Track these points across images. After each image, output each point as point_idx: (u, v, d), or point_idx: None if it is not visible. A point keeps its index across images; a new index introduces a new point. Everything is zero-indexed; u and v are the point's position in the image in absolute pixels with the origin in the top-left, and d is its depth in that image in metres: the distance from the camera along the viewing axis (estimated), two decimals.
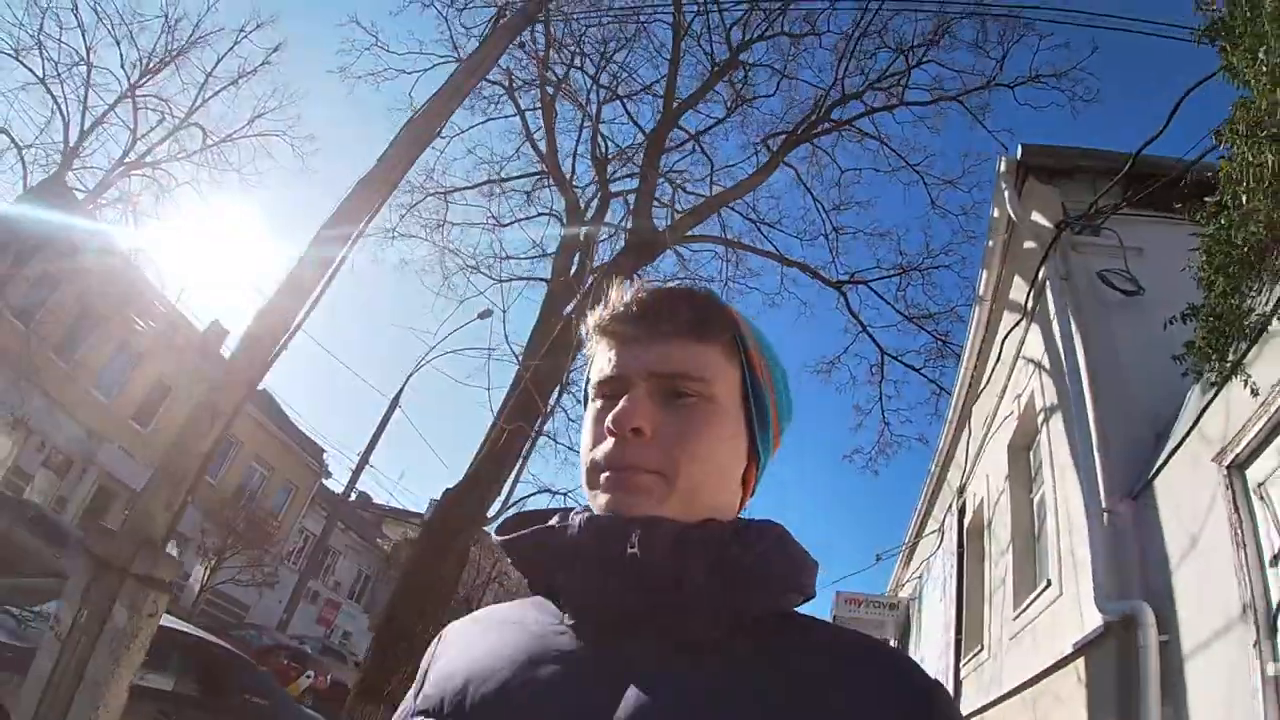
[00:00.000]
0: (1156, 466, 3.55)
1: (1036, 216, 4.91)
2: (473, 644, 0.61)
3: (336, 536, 23.38)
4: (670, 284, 0.70)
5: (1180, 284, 3.09)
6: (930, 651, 9.10)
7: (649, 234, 7.57)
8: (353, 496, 24.52)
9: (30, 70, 14.41)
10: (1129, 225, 4.60)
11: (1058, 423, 4.78)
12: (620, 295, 0.65)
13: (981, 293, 5.88)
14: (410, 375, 18.26)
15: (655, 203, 8.49)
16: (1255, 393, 2.71)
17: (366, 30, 11.20)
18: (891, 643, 11.22)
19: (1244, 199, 2.64)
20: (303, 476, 23.78)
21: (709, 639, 0.53)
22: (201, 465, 3.04)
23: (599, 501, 0.59)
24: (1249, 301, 2.76)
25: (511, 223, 10.20)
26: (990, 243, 5.44)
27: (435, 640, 0.67)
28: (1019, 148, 4.88)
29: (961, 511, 7.54)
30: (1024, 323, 5.34)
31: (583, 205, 8.99)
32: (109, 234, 15.52)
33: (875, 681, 0.52)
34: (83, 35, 14.86)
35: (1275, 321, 2.67)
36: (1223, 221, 2.76)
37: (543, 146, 9.07)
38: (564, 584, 0.58)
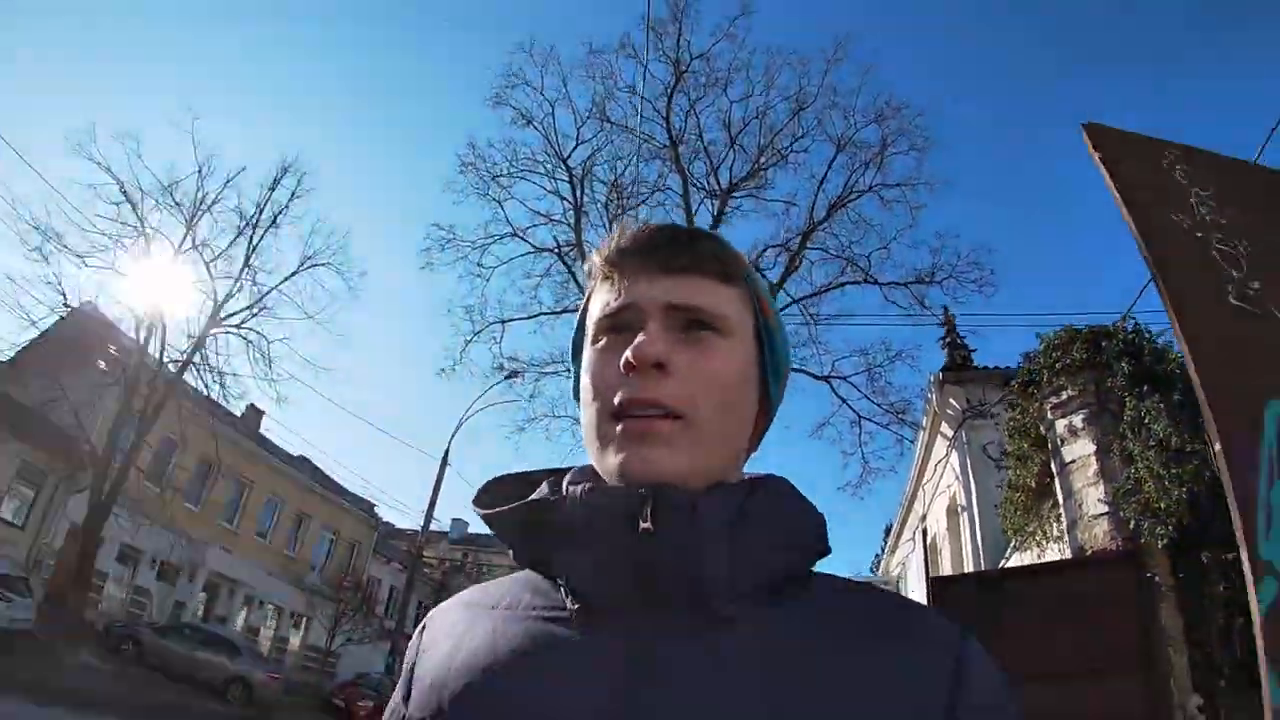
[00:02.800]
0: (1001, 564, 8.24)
1: (952, 402, 9.46)
2: (463, 635, 0.57)
3: (394, 575, 28.11)
4: (677, 223, 0.67)
5: None
6: None
7: None
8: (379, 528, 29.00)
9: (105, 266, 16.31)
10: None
11: (965, 515, 9.46)
12: (628, 230, 0.63)
13: (924, 425, 10.52)
14: (451, 437, 23.19)
15: None
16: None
17: (444, 229, 15.23)
18: None
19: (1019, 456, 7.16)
20: (363, 533, 28.49)
21: (727, 614, 0.51)
22: None
23: (609, 461, 0.55)
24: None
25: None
26: (926, 410, 10.03)
27: (420, 629, 0.64)
28: (940, 372, 9.39)
29: (925, 533, 12.32)
30: (949, 451, 9.96)
31: None
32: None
33: (905, 642, 0.51)
34: (134, 209, 16.66)
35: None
36: (1010, 474, 7.26)
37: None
38: (563, 564, 0.55)
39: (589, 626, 0.52)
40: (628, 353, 0.55)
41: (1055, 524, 5.14)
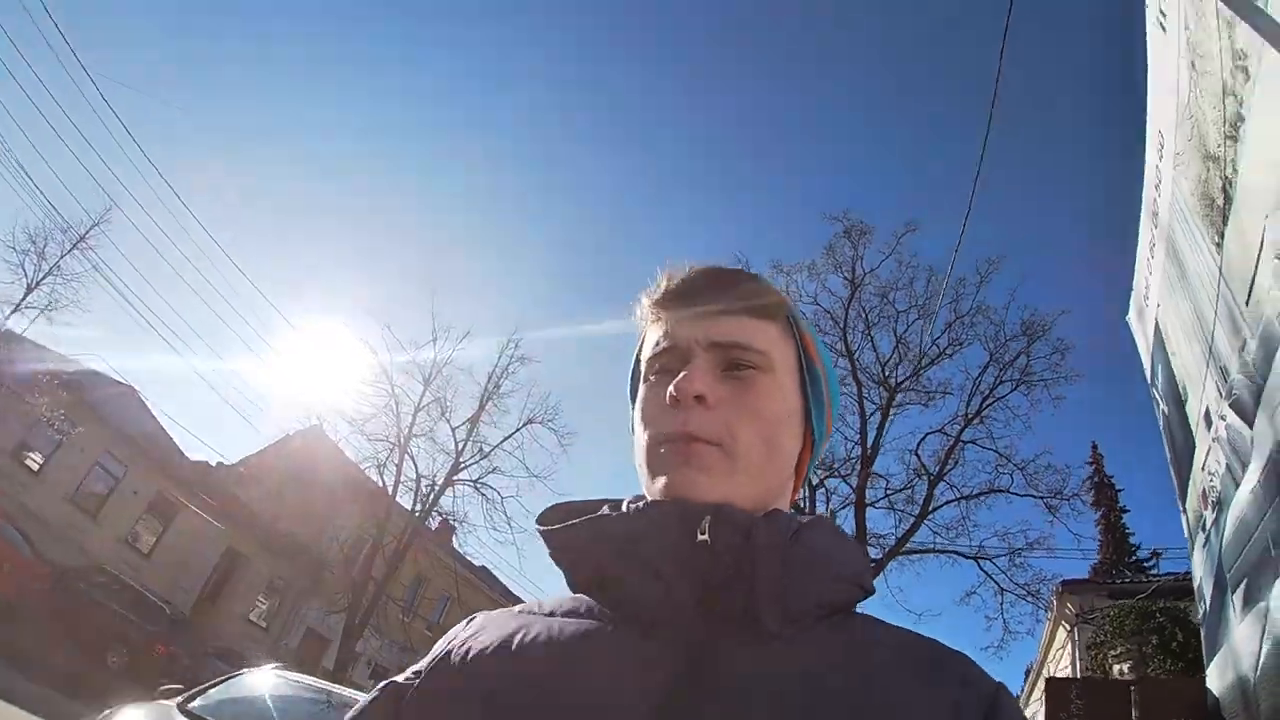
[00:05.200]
0: None
1: (1069, 607, 13.25)
2: (515, 632, 0.63)
3: None
4: (720, 264, 0.75)
5: None
6: None
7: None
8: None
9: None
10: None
11: None
12: (673, 275, 0.72)
13: (1049, 617, 14.28)
14: None
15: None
16: None
17: None
18: None
19: None
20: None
21: (775, 633, 0.57)
22: None
23: (658, 484, 0.64)
24: None
25: None
26: (1050, 605, 13.86)
27: (463, 623, 0.70)
28: (1060, 584, 13.27)
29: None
30: (1067, 641, 13.65)
31: None
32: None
33: (943, 682, 0.56)
34: (386, 375, 21.88)
35: None
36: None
37: None
38: (619, 575, 0.61)
39: (643, 635, 0.58)
40: (671, 387, 0.64)
41: None
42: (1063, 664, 14.24)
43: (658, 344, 0.69)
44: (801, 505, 17.59)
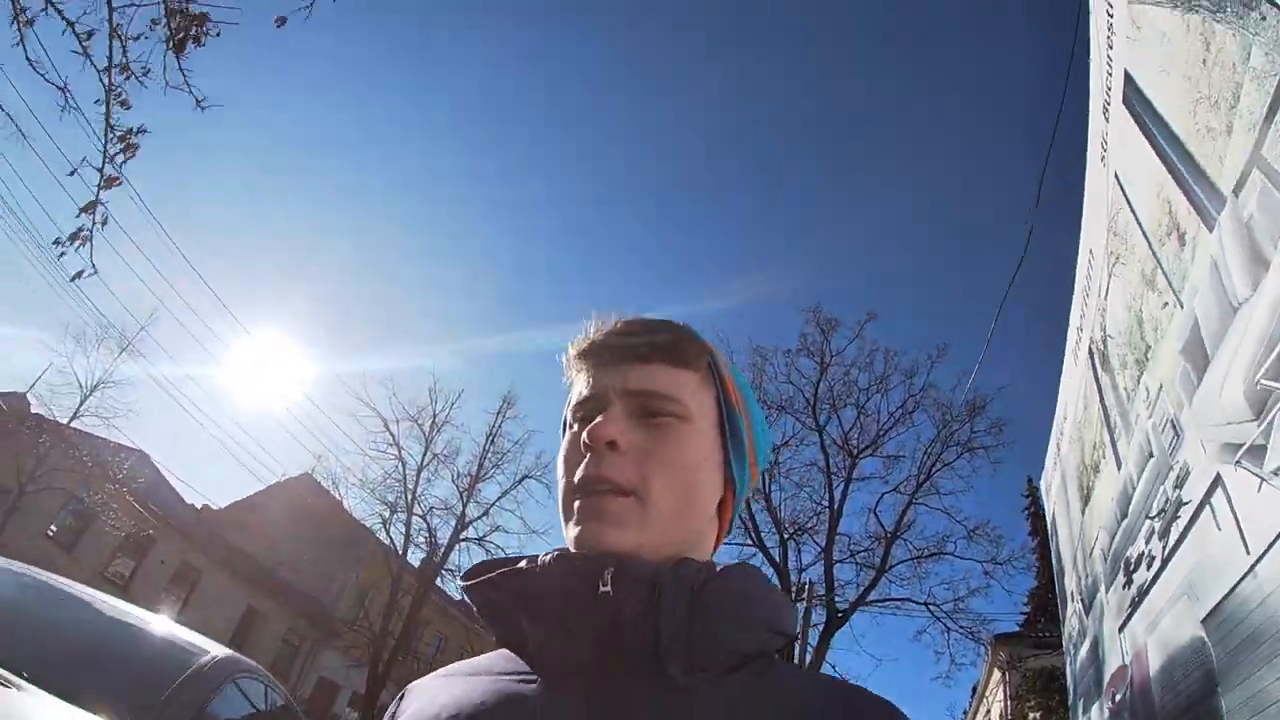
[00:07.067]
0: None
1: (1002, 654, 17.51)
2: (435, 696, 0.67)
3: None
4: (647, 316, 0.79)
5: None
6: None
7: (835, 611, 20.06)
8: None
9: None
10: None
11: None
12: (598, 325, 0.77)
13: (986, 657, 18.59)
14: None
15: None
16: None
17: None
18: None
19: None
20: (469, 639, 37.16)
21: (685, 684, 0.58)
22: None
23: (570, 535, 0.67)
24: None
25: None
26: (985, 661, 18.12)
27: (398, 697, 0.74)
28: (994, 637, 17.55)
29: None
30: (1001, 681, 17.92)
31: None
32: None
33: None
34: (392, 435, 23.72)
35: None
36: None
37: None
38: (530, 628, 0.64)
39: (552, 688, 0.61)
40: (584, 434, 0.68)
41: None
42: (998, 698, 18.61)
43: (580, 394, 0.73)
44: (772, 556, 21.40)
